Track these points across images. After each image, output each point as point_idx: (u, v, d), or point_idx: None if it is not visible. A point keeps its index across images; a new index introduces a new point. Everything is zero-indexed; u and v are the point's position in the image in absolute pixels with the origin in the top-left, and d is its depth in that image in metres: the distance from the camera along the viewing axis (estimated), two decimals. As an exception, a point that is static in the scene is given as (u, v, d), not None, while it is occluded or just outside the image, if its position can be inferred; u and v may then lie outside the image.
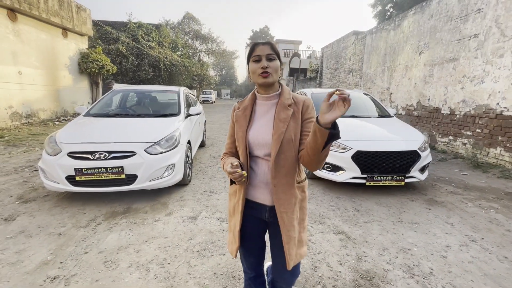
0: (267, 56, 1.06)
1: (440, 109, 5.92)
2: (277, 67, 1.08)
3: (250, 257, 1.30)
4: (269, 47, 1.06)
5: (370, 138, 3.53)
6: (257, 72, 1.07)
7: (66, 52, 10.56)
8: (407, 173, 3.41)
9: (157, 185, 3.10)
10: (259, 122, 1.13)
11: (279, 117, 1.08)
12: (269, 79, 1.07)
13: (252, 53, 1.08)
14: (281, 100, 1.12)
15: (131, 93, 4.67)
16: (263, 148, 1.10)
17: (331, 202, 3.26)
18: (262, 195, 1.14)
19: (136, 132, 3.27)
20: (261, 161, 1.12)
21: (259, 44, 1.07)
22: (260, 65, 1.06)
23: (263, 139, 1.09)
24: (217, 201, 3.22)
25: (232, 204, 1.24)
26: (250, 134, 1.11)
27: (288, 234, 1.11)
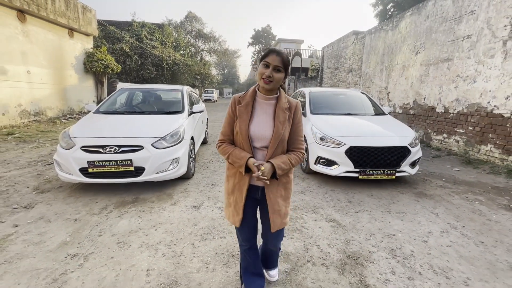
0: (275, 67, 1.23)
1: (435, 107, 6.10)
2: (280, 79, 1.27)
3: (246, 230, 1.51)
4: (280, 59, 1.23)
5: (363, 135, 3.74)
6: (262, 76, 1.26)
7: (72, 51, 10.83)
8: (397, 167, 3.61)
9: (163, 177, 3.33)
10: (259, 119, 1.32)
11: (279, 119, 1.30)
12: (269, 86, 1.27)
13: (265, 57, 1.25)
14: (280, 103, 1.33)
15: (137, 91, 4.91)
16: (261, 141, 1.31)
17: (325, 194, 3.48)
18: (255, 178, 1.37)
19: (143, 128, 3.50)
20: (257, 151, 1.34)
21: (274, 52, 1.24)
22: (266, 71, 1.23)
23: (262, 134, 1.30)
24: (218, 193, 3.44)
25: (231, 184, 1.44)
26: (252, 128, 1.30)
27: (273, 208, 1.40)
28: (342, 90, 5.47)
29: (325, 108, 4.68)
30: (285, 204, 1.45)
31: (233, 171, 1.42)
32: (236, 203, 1.42)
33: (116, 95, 4.60)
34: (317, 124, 4.08)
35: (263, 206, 1.46)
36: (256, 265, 1.63)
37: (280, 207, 1.41)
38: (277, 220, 1.41)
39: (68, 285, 1.77)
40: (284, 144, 1.34)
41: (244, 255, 1.62)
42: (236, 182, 1.41)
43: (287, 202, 1.46)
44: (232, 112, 1.37)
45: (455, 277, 1.92)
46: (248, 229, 1.52)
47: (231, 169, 1.43)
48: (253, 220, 1.52)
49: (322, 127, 3.98)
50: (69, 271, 1.91)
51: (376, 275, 1.92)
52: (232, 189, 1.44)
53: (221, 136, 1.43)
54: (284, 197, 1.44)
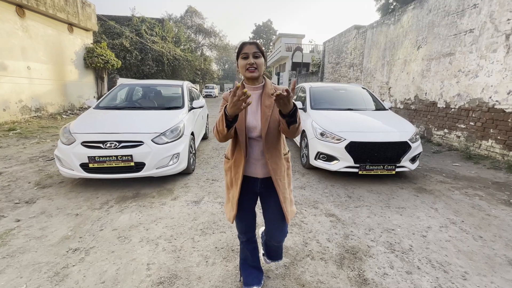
0: (253, 54, 1.26)
1: (437, 103, 6.07)
2: (262, 63, 1.29)
3: (244, 224, 1.54)
4: (255, 46, 1.27)
5: (363, 130, 3.73)
6: (245, 67, 1.27)
7: (72, 47, 10.79)
8: (398, 163, 3.61)
9: (163, 172, 3.35)
10: (250, 109, 1.34)
11: (264, 104, 1.31)
12: (255, 73, 1.28)
13: (240, 51, 1.28)
14: (265, 90, 1.35)
15: (137, 87, 4.90)
16: (255, 131, 1.31)
17: (325, 190, 3.49)
18: (255, 169, 1.38)
19: (143, 123, 3.50)
20: (253, 141, 1.35)
21: (246, 43, 1.28)
22: (247, 61, 1.26)
23: (253, 124, 1.31)
24: (218, 188, 3.46)
25: (229, 178, 1.45)
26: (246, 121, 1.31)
27: (284, 195, 1.39)
28: (343, 85, 5.44)
29: (325, 103, 4.67)
30: (289, 191, 1.46)
31: (228, 164, 1.43)
32: (233, 198, 1.42)
33: (116, 90, 4.59)
34: (317, 120, 4.07)
35: (265, 198, 1.46)
36: (254, 258, 1.66)
37: (288, 194, 1.42)
38: (289, 208, 1.42)
39: (69, 278, 1.79)
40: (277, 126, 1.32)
41: (242, 247, 1.66)
42: (232, 176, 1.41)
43: (289, 189, 1.47)
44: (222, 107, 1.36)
45: (453, 271, 1.94)
46: (245, 222, 1.54)
47: (227, 162, 1.46)
48: (250, 215, 1.54)
49: (322, 122, 3.97)
50: (71, 265, 1.93)
51: (375, 269, 1.94)
52: (230, 183, 1.45)
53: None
54: (288, 184, 1.45)
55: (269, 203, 1.45)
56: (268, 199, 1.44)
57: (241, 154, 1.34)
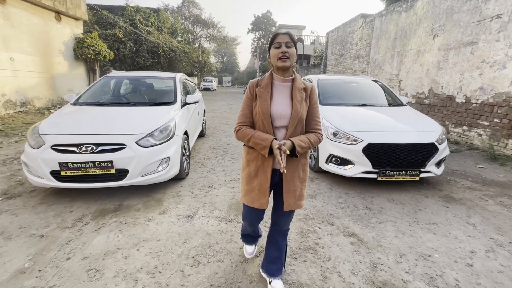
0: (286, 44, 1.31)
1: (454, 97, 5.56)
2: (294, 53, 1.33)
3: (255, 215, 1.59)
4: (288, 36, 1.32)
5: (383, 129, 3.23)
6: (278, 56, 1.31)
7: (60, 37, 10.14)
8: (422, 167, 3.13)
9: (150, 180, 2.86)
10: (278, 99, 1.37)
11: (296, 98, 1.35)
12: (286, 62, 1.32)
13: (274, 40, 1.34)
14: (295, 84, 1.39)
15: (123, 79, 4.35)
16: (281, 120, 1.35)
17: (339, 199, 3.01)
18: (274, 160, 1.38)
19: (127, 122, 2.99)
20: (276, 130, 1.37)
21: (280, 33, 1.33)
22: (280, 50, 1.31)
23: (281, 113, 1.34)
24: (216, 198, 2.97)
25: (253, 167, 1.44)
26: (272, 108, 1.35)
27: (288, 187, 1.41)
28: (354, 78, 4.91)
29: (336, 98, 4.15)
30: (301, 186, 1.46)
31: (254, 154, 1.43)
32: (260, 186, 1.42)
33: (100, 83, 4.06)
34: (329, 117, 3.57)
35: (278, 188, 1.48)
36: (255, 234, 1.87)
37: (295, 187, 1.42)
38: (290, 200, 1.43)
39: None
40: (302, 123, 1.38)
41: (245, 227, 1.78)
42: (259, 165, 1.42)
43: (303, 184, 1.48)
44: (251, 94, 1.41)
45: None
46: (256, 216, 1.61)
47: (252, 153, 1.45)
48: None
49: (334, 120, 3.47)
50: (17, 317, 1.45)
51: (420, 321, 1.47)
52: (255, 172, 1.43)
53: (240, 119, 1.44)
54: (301, 179, 1.46)
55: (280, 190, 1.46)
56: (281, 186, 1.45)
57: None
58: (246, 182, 1.48)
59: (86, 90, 3.82)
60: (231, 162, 4.30)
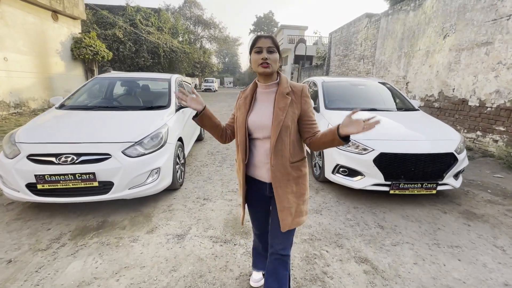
0: (267, 49, 1.18)
1: (467, 100, 5.25)
2: (276, 59, 1.20)
3: (256, 220, 1.53)
4: (270, 40, 1.19)
5: (396, 137, 2.93)
6: (258, 62, 1.19)
7: (57, 36, 9.91)
8: (440, 179, 2.83)
9: (139, 193, 2.58)
10: (259, 108, 1.26)
11: (278, 105, 1.20)
12: (268, 69, 1.19)
13: (254, 44, 1.20)
14: (280, 89, 1.23)
15: (115, 81, 4.08)
16: (262, 131, 1.23)
17: (347, 214, 2.72)
18: (261, 173, 1.29)
19: (114, 129, 2.71)
20: (260, 142, 1.26)
21: (261, 37, 1.20)
22: (260, 56, 1.18)
23: (262, 123, 1.22)
24: (211, 213, 2.69)
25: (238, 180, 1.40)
26: (250, 119, 1.25)
27: (282, 204, 1.25)
28: (361, 80, 4.61)
29: (342, 102, 3.86)
30: (298, 202, 1.29)
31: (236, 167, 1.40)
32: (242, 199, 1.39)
33: (89, 85, 3.79)
34: (336, 123, 3.26)
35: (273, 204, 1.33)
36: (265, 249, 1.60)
37: (290, 204, 1.27)
38: (287, 219, 1.27)
39: None
40: (288, 132, 1.21)
41: (255, 238, 1.64)
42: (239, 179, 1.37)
43: (301, 199, 1.30)
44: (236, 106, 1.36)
45: None
46: (259, 222, 1.53)
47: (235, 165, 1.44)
48: (264, 216, 1.49)
49: (341, 126, 3.17)
50: None
51: None
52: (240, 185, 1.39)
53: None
54: (297, 193, 1.29)
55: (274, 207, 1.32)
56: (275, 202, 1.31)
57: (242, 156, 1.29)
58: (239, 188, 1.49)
59: (74, 93, 3.55)
60: (230, 169, 4.02)
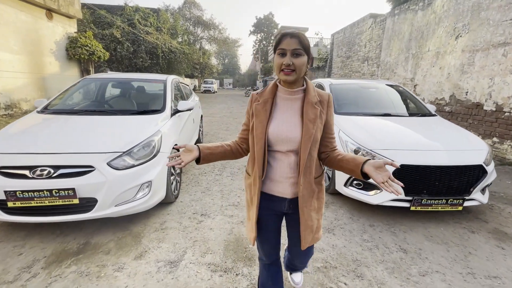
0: (293, 52, 1.00)
1: (482, 104, 4.95)
2: (302, 64, 1.03)
3: (267, 246, 1.31)
4: (297, 41, 1.00)
5: (417, 147, 2.62)
6: (280, 67, 1.03)
7: (52, 36, 9.58)
8: (466, 194, 2.53)
9: (127, 211, 2.26)
10: (282, 117, 1.11)
11: (308, 116, 1.07)
12: (290, 77, 1.03)
13: (278, 44, 1.03)
14: (308, 97, 1.09)
15: (106, 82, 3.76)
16: (287, 144, 1.09)
17: (363, 234, 2.41)
18: (281, 189, 1.16)
19: (99, 137, 2.39)
20: (281, 156, 1.12)
21: (286, 35, 1.01)
22: (283, 60, 1.02)
23: (288, 135, 1.08)
24: (209, 232, 2.36)
25: (249, 195, 1.24)
26: (271, 129, 1.09)
27: (306, 224, 1.17)
28: (371, 82, 4.31)
29: (353, 106, 3.55)
30: (318, 217, 1.22)
31: (248, 181, 1.23)
32: (252, 218, 1.21)
33: (77, 87, 3.48)
34: (347, 129, 2.97)
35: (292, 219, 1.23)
36: (276, 281, 1.37)
37: (313, 221, 1.19)
38: (308, 237, 1.19)
39: None
40: (317, 146, 1.11)
41: (263, 270, 1.40)
42: (252, 195, 1.19)
43: (319, 214, 1.23)
44: (248, 111, 1.17)
45: None
46: (269, 245, 1.31)
47: (247, 178, 1.25)
48: (275, 236, 1.30)
49: (354, 133, 2.87)
50: None
51: None
52: (251, 201, 1.22)
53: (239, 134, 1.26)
54: (317, 209, 1.21)
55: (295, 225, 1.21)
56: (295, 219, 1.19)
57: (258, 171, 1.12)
58: (246, 208, 1.31)
59: (58, 95, 3.23)
60: (230, 178, 3.70)
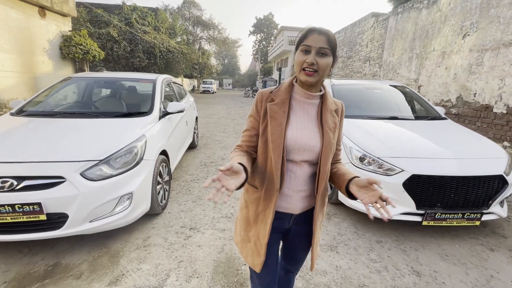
0: (318, 50, 0.89)
1: (492, 106, 4.70)
2: (326, 66, 0.91)
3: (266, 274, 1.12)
4: (325, 39, 0.89)
5: (430, 155, 2.36)
6: (301, 65, 0.91)
7: (45, 34, 9.32)
8: (485, 208, 2.27)
9: (104, 227, 1.99)
10: (299, 123, 0.98)
11: (328, 125, 0.98)
12: (312, 78, 0.91)
13: (302, 40, 0.91)
14: (327, 104, 1.00)
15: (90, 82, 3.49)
16: (303, 153, 0.97)
17: (370, 253, 2.15)
18: (290, 204, 1.03)
19: (73, 143, 2.13)
20: (294, 166, 0.99)
21: (314, 31, 0.90)
22: (307, 58, 0.89)
23: (307, 144, 0.96)
24: (197, 250, 2.10)
25: (252, 212, 1.05)
26: (289, 135, 0.96)
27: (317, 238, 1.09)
28: (376, 83, 4.06)
29: (357, 109, 3.30)
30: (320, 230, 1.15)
31: (255, 195, 1.03)
32: (257, 239, 1.04)
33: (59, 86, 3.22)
34: (351, 134, 2.71)
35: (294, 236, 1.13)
36: None
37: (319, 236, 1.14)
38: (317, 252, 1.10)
39: None
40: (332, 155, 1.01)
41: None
42: (260, 211, 1.03)
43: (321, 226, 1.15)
44: (258, 112, 1.00)
45: None
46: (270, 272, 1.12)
47: (252, 193, 1.05)
48: (276, 260, 1.14)
49: (359, 139, 2.61)
50: None
51: None
52: (255, 219, 1.05)
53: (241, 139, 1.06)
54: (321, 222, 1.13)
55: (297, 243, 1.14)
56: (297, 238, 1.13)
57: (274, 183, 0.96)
58: (243, 227, 1.12)
59: (36, 96, 2.97)
60: (224, 186, 3.43)
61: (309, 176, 1.01)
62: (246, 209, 1.10)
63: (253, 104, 1.03)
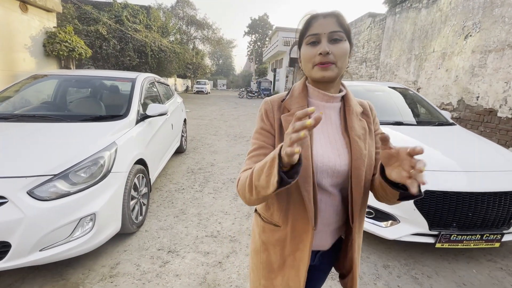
0: (330, 36, 0.69)
1: (496, 110, 4.49)
2: (344, 53, 0.70)
3: None
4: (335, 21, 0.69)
5: (443, 167, 2.08)
6: (313, 61, 0.70)
7: (27, 30, 8.84)
8: (505, 228, 2.00)
9: (58, 256, 1.64)
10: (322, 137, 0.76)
11: (355, 132, 0.76)
12: (329, 71, 0.69)
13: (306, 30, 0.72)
14: (350, 105, 0.78)
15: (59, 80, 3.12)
16: (331, 176, 0.74)
17: (378, 280, 1.85)
18: (320, 240, 0.82)
19: (22, 154, 1.76)
20: (323, 194, 0.76)
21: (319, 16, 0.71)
22: (318, 49, 0.69)
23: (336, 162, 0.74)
24: (174, 282, 1.76)
25: (276, 255, 0.82)
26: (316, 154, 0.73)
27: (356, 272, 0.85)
28: (377, 85, 3.79)
29: (358, 112, 3.00)
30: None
31: (277, 235, 0.80)
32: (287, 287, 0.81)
33: (19, 85, 2.86)
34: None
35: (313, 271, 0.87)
36: None
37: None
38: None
39: None
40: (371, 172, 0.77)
41: None
42: (287, 254, 0.80)
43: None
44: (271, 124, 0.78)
45: None
46: None
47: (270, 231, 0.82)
48: None
49: (362, 147, 2.31)
50: None
51: None
52: (281, 264, 0.81)
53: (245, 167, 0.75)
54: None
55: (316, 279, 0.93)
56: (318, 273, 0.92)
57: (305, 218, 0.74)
58: (263, 274, 0.85)
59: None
60: (212, 197, 3.10)
61: (341, 202, 0.79)
62: (266, 253, 0.87)
63: (259, 116, 0.81)
